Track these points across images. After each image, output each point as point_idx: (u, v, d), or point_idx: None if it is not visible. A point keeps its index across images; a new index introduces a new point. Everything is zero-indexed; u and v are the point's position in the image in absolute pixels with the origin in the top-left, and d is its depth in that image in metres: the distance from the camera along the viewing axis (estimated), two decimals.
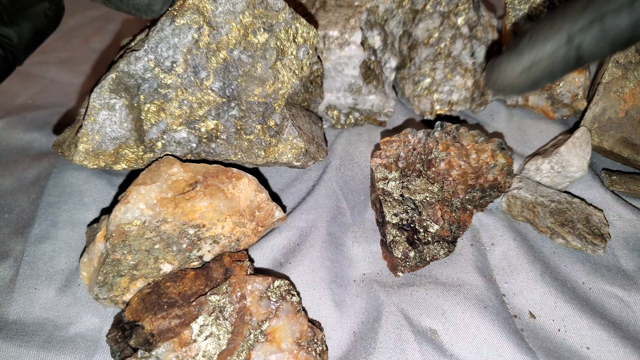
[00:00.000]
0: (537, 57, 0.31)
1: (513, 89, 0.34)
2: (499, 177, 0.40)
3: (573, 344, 0.34)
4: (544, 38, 0.31)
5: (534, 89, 0.34)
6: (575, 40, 0.30)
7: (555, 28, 0.30)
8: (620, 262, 0.39)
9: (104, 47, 0.67)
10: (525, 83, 0.33)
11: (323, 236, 0.41)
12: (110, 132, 0.37)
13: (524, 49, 0.32)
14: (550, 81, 0.33)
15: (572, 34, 0.30)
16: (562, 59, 0.31)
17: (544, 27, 0.31)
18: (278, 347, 0.32)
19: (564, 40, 0.30)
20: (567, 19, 0.30)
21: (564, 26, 0.30)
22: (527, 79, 0.33)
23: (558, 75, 0.32)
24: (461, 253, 0.40)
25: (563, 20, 0.30)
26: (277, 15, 0.38)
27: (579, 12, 0.29)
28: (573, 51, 0.30)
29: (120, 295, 0.34)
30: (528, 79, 0.33)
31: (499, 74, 0.34)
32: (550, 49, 0.31)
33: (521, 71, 0.32)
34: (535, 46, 0.31)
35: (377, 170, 0.40)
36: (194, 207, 0.35)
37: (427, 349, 0.34)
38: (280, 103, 0.40)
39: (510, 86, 0.33)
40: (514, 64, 0.33)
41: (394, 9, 0.48)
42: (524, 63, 0.32)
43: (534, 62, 0.32)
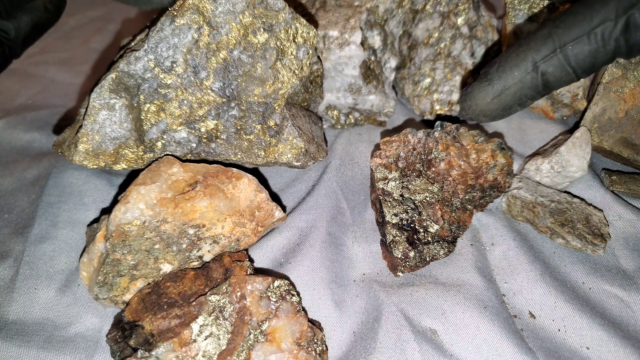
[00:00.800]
0: (506, 84, 0.33)
1: (486, 116, 0.35)
2: (499, 177, 0.40)
3: (573, 344, 0.34)
4: (511, 66, 0.32)
5: (506, 115, 0.35)
6: (540, 67, 0.31)
7: (521, 57, 0.32)
8: (620, 262, 0.39)
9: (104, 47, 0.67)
10: (497, 109, 0.34)
11: (323, 236, 0.41)
12: (110, 132, 0.37)
13: (493, 77, 0.33)
14: (521, 107, 0.34)
15: (537, 62, 0.31)
16: (529, 85, 0.32)
17: (510, 55, 0.33)
18: (278, 347, 0.32)
19: (530, 67, 0.31)
20: (531, 48, 0.31)
21: (528, 55, 0.31)
22: (499, 105, 0.34)
23: (528, 101, 0.34)
24: (461, 253, 0.40)
25: (528, 49, 0.32)
26: (277, 15, 0.38)
27: (542, 41, 0.31)
28: (539, 78, 0.31)
29: (120, 295, 0.34)
30: (499, 105, 0.34)
31: (472, 101, 0.35)
32: (517, 76, 0.32)
33: (492, 98, 0.34)
34: (504, 74, 0.33)
35: (377, 170, 0.40)
36: (194, 207, 0.35)
37: (427, 349, 0.34)
38: (280, 103, 0.40)
39: (483, 113, 0.35)
40: (485, 92, 0.34)
41: (394, 9, 0.48)
42: (494, 90, 0.33)
43: (503, 89, 0.33)
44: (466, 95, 0.36)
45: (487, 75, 0.34)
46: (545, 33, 0.31)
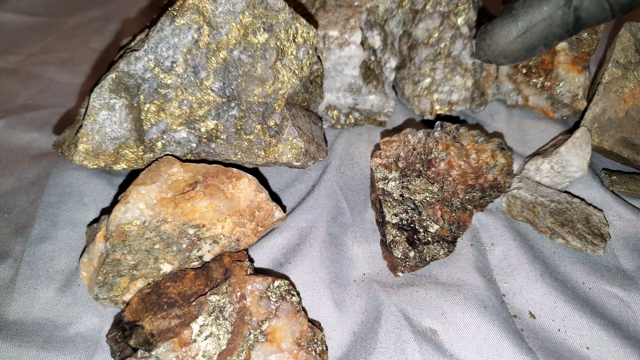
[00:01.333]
0: (533, 21, 0.30)
1: (506, 57, 0.32)
2: (499, 177, 0.40)
3: (573, 344, 0.35)
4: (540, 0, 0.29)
5: (529, 57, 0.32)
6: (573, 1, 0.28)
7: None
8: (620, 262, 0.39)
9: (104, 47, 0.67)
10: (520, 49, 0.31)
11: (323, 236, 0.41)
12: (110, 132, 0.37)
13: (519, 12, 0.30)
14: (547, 48, 0.31)
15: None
16: (559, 21, 0.29)
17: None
18: (278, 347, 0.32)
19: (562, 1, 0.28)
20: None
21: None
22: (522, 44, 0.31)
23: (555, 41, 0.30)
24: (461, 253, 0.40)
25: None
26: (277, 15, 0.38)
27: None
28: (572, 13, 0.28)
29: (120, 295, 0.34)
30: (523, 45, 0.31)
31: (492, 40, 0.32)
32: (547, 11, 0.29)
33: (516, 36, 0.31)
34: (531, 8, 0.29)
35: (377, 170, 0.40)
36: (194, 207, 0.35)
37: (427, 349, 0.34)
38: (280, 103, 0.40)
39: (504, 53, 0.32)
40: (507, 29, 0.31)
41: (394, 9, 0.48)
42: (519, 27, 0.30)
43: (529, 26, 0.30)
44: (486, 34, 0.32)
45: (511, 11, 0.31)
46: None
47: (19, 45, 0.67)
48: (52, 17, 0.73)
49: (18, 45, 0.67)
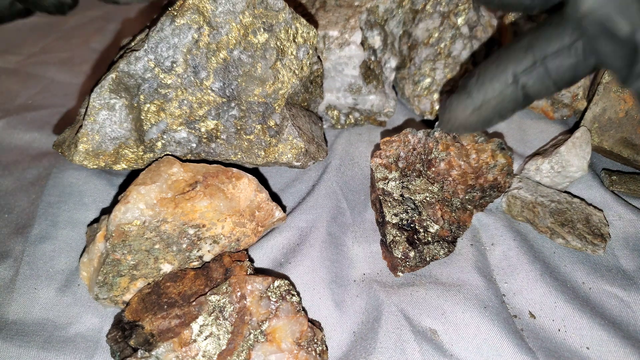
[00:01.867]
0: (485, 97, 0.32)
1: (466, 129, 0.34)
2: (499, 177, 0.40)
3: (573, 344, 0.35)
4: (491, 78, 0.31)
5: (486, 127, 0.34)
6: (520, 80, 0.30)
7: (501, 68, 0.31)
8: (620, 262, 0.39)
9: (104, 47, 0.67)
10: (476, 122, 0.33)
11: (323, 236, 0.41)
12: (110, 132, 0.37)
13: (472, 90, 0.32)
14: (502, 119, 0.33)
15: (517, 74, 0.30)
16: (509, 98, 0.31)
17: (489, 67, 0.32)
18: (278, 347, 0.32)
19: (510, 80, 0.30)
20: (511, 60, 0.30)
21: (508, 66, 0.30)
22: (478, 118, 0.33)
23: (509, 114, 0.33)
24: (461, 253, 0.40)
25: (508, 60, 0.30)
26: (277, 15, 0.38)
27: (522, 53, 0.30)
28: (519, 90, 0.30)
29: (120, 295, 0.34)
30: (479, 118, 0.33)
31: (450, 114, 0.34)
32: (497, 89, 0.31)
33: (472, 111, 0.33)
34: (483, 86, 0.32)
35: (377, 170, 0.40)
36: (194, 207, 0.35)
37: (427, 349, 0.34)
38: (280, 103, 0.40)
39: (463, 126, 0.34)
40: (464, 105, 0.33)
41: (394, 9, 0.48)
42: (473, 103, 0.32)
43: (483, 101, 0.32)
44: (445, 109, 0.35)
45: (465, 88, 0.33)
46: (525, 44, 0.30)
47: (19, 45, 0.67)
48: (52, 17, 0.73)
49: (18, 45, 0.67)
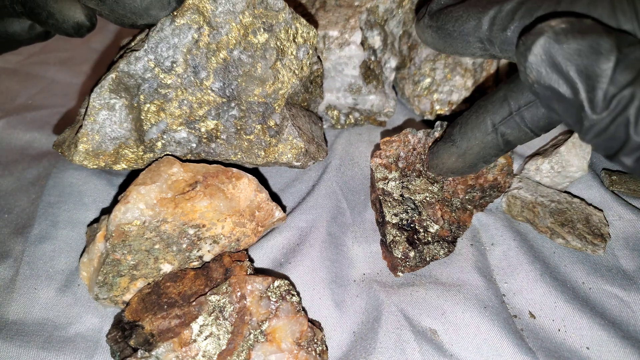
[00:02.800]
0: (469, 145, 0.34)
1: (453, 173, 0.37)
2: (499, 177, 0.40)
3: (573, 344, 0.35)
4: (472, 128, 0.33)
5: (473, 172, 0.37)
6: (499, 129, 0.32)
7: (480, 119, 0.33)
8: (620, 262, 0.39)
9: (104, 47, 0.67)
10: (462, 167, 0.36)
11: (323, 236, 0.41)
12: (110, 132, 0.37)
13: (456, 138, 0.35)
14: (487, 164, 0.35)
15: (496, 124, 0.32)
16: (491, 145, 0.33)
17: (470, 117, 0.34)
18: (278, 347, 0.32)
19: (490, 129, 0.32)
20: (489, 111, 0.32)
21: (487, 117, 0.32)
22: (464, 164, 0.35)
23: (492, 158, 0.35)
24: (461, 253, 0.40)
25: (486, 112, 0.33)
26: (277, 15, 0.38)
27: (499, 104, 0.32)
28: (500, 138, 0.32)
29: (120, 295, 0.34)
30: (464, 163, 0.35)
31: (438, 160, 0.37)
32: (479, 137, 0.33)
33: (457, 157, 0.35)
34: (466, 135, 0.34)
35: (377, 170, 0.40)
36: (194, 207, 0.35)
37: (427, 349, 0.34)
38: (280, 103, 0.40)
39: (450, 170, 0.37)
40: (449, 152, 0.36)
41: (394, 9, 0.48)
42: (458, 150, 0.35)
43: (467, 149, 0.34)
44: (433, 155, 0.37)
45: (450, 136, 0.35)
46: (501, 96, 0.31)
47: None
48: None
49: None
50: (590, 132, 0.24)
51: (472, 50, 0.32)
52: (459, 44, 0.32)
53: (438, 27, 0.33)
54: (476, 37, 0.30)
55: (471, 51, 0.32)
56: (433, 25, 0.33)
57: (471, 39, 0.31)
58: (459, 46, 0.32)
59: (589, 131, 0.24)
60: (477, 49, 0.31)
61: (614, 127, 0.23)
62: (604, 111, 0.23)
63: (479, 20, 0.30)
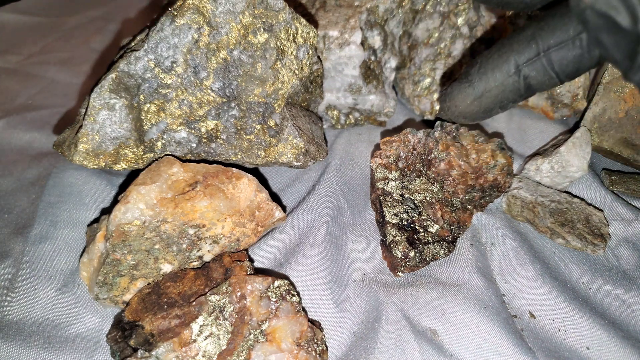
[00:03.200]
0: (487, 87, 0.32)
1: (465, 117, 0.34)
2: (499, 177, 0.40)
3: (573, 344, 0.35)
4: (493, 68, 0.31)
5: (486, 117, 0.34)
6: (522, 71, 0.30)
7: (504, 58, 0.30)
8: (620, 262, 0.39)
9: (104, 47, 0.67)
10: (477, 112, 0.33)
11: (323, 236, 0.41)
12: (110, 132, 0.37)
13: (474, 78, 0.32)
14: (502, 110, 0.33)
15: (520, 65, 0.30)
16: (511, 88, 0.31)
17: (492, 56, 0.31)
18: (278, 347, 0.32)
19: (512, 70, 0.30)
20: (514, 50, 0.30)
21: (511, 56, 0.30)
22: (479, 107, 0.33)
23: (510, 104, 0.32)
24: (461, 253, 0.40)
25: (510, 50, 0.30)
26: (277, 15, 0.38)
27: (525, 43, 0.29)
28: (522, 81, 0.30)
29: (120, 295, 0.34)
30: (480, 107, 0.33)
31: (451, 102, 0.34)
32: (499, 78, 0.31)
33: (472, 100, 0.33)
34: (485, 75, 0.31)
35: (377, 170, 0.40)
36: (194, 207, 0.35)
37: (427, 349, 0.34)
38: (280, 103, 0.40)
39: (463, 114, 0.34)
40: (465, 93, 0.33)
41: (394, 9, 0.48)
42: (474, 92, 0.32)
43: (484, 91, 0.32)
44: (446, 96, 0.35)
45: (467, 76, 0.33)
46: (529, 34, 0.29)
47: (19, 45, 0.67)
48: (52, 17, 0.73)
49: (18, 45, 0.67)
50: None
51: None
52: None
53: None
54: None
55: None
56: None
57: None
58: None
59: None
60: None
61: None
62: None
63: None
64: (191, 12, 0.36)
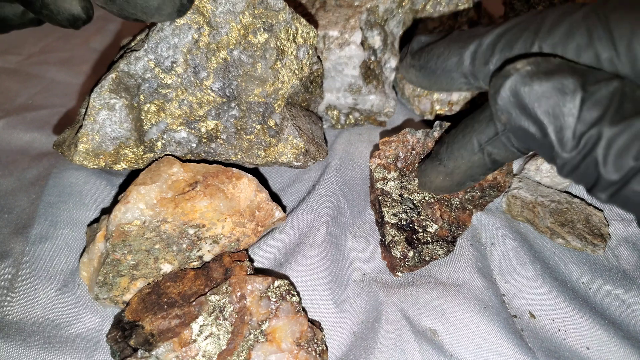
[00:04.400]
0: (456, 164, 0.33)
1: (441, 191, 0.37)
2: (498, 177, 0.40)
3: (573, 344, 0.35)
4: (459, 147, 0.33)
5: (460, 190, 0.36)
6: (485, 149, 0.31)
7: (467, 139, 0.32)
8: (620, 262, 0.39)
9: (104, 47, 0.67)
10: (450, 186, 0.35)
11: (323, 236, 0.41)
12: (110, 132, 0.37)
13: (443, 157, 0.34)
14: (475, 182, 0.35)
15: (482, 144, 0.31)
16: (478, 164, 0.33)
17: (457, 136, 0.33)
18: (278, 347, 0.32)
19: (476, 148, 0.32)
20: (475, 130, 0.32)
21: (473, 137, 0.32)
22: (451, 182, 0.35)
23: (479, 177, 0.34)
24: (461, 253, 0.40)
25: (472, 131, 0.32)
26: (277, 15, 0.38)
27: (485, 124, 0.31)
28: (486, 157, 0.32)
29: (120, 295, 0.34)
30: (452, 182, 0.35)
31: (426, 179, 0.37)
32: (465, 156, 0.33)
33: (445, 176, 0.35)
34: (452, 154, 0.33)
35: (376, 170, 0.40)
36: (194, 207, 0.35)
37: (427, 349, 0.34)
38: (280, 103, 0.40)
39: (438, 188, 0.36)
40: (437, 171, 0.35)
41: (394, 9, 0.48)
42: (445, 169, 0.34)
43: (454, 168, 0.34)
44: (421, 173, 0.37)
45: (437, 155, 0.35)
46: (487, 115, 0.31)
47: (19, 45, 0.67)
48: None
49: (18, 45, 0.67)
50: (564, 169, 0.25)
51: (458, 86, 0.32)
52: (444, 81, 0.32)
53: (421, 66, 0.33)
54: (460, 73, 0.31)
55: (457, 86, 0.32)
56: (415, 64, 0.33)
57: (455, 75, 0.31)
58: (444, 83, 0.32)
59: (562, 168, 0.25)
60: (462, 84, 0.31)
61: (584, 166, 0.23)
62: (574, 150, 0.23)
63: (460, 56, 0.30)
64: (191, 12, 0.36)
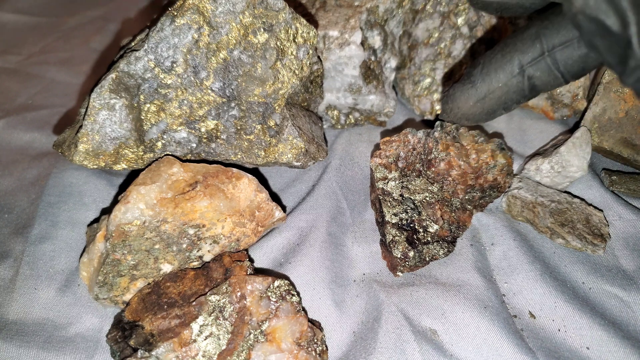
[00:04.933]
0: (490, 88, 0.31)
1: (468, 119, 0.33)
2: (498, 177, 0.40)
3: (573, 344, 0.35)
4: (496, 68, 0.30)
5: (490, 119, 0.33)
6: (527, 71, 0.29)
7: (507, 58, 0.29)
8: (620, 262, 0.39)
9: (104, 47, 0.67)
10: (480, 113, 0.32)
11: (323, 236, 0.41)
12: (110, 132, 0.37)
13: (477, 79, 0.31)
14: (506, 111, 0.32)
15: (524, 65, 0.29)
16: (515, 89, 0.30)
17: (495, 56, 0.30)
18: (278, 347, 0.32)
19: (516, 70, 0.29)
20: (517, 50, 0.29)
21: (515, 56, 0.29)
22: (482, 109, 0.32)
23: (514, 105, 0.31)
24: (461, 253, 0.40)
25: (514, 50, 0.29)
26: (277, 15, 0.38)
27: (529, 43, 0.28)
28: (526, 81, 0.29)
29: (120, 295, 0.34)
30: (483, 109, 0.32)
31: (453, 104, 0.33)
32: (503, 79, 0.30)
33: (475, 101, 0.32)
34: (488, 76, 0.31)
35: (377, 170, 0.40)
36: (194, 207, 0.35)
37: (427, 349, 0.34)
38: (280, 103, 0.40)
39: (465, 116, 0.33)
40: (467, 95, 0.32)
41: (394, 9, 0.48)
42: (477, 93, 0.31)
43: (487, 92, 0.31)
44: (448, 98, 0.34)
45: (470, 77, 0.32)
46: (533, 34, 0.28)
47: (19, 45, 0.67)
48: (52, 17, 0.73)
49: (18, 45, 0.67)
50: (634, 74, 0.21)
51: None
52: None
53: None
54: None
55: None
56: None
57: None
58: None
59: (632, 73, 0.21)
60: None
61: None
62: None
63: None
64: (191, 12, 0.36)
